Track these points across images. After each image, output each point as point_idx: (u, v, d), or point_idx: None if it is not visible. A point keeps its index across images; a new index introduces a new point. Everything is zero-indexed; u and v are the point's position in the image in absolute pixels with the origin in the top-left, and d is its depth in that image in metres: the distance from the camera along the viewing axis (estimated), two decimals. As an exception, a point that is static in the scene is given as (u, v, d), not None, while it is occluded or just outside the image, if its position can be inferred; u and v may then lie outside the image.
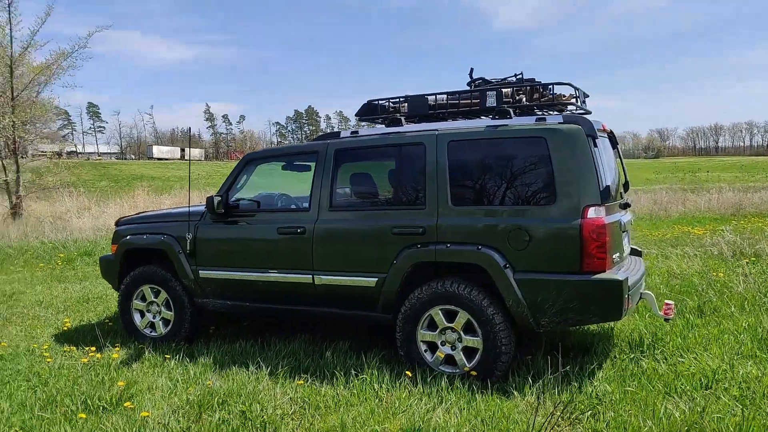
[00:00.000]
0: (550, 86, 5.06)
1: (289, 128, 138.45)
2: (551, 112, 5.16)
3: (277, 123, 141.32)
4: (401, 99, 5.44)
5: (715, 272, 7.95)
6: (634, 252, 5.71)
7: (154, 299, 6.00)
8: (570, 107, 5.15)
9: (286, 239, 5.26)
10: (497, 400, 4.04)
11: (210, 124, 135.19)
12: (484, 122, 4.85)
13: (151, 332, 6.02)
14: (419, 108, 5.29)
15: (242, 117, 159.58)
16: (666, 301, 4.95)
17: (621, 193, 5.19)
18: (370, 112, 5.53)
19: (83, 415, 3.97)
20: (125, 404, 4.14)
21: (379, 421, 3.77)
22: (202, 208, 5.72)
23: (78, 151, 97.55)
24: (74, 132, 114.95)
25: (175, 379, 4.67)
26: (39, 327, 6.67)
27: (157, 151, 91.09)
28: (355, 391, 4.29)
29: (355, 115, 5.60)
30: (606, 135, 5.30)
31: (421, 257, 4.72)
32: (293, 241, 5.22)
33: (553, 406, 3.75)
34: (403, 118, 5.26)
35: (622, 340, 5.28)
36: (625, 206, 5.11)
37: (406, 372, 4.52)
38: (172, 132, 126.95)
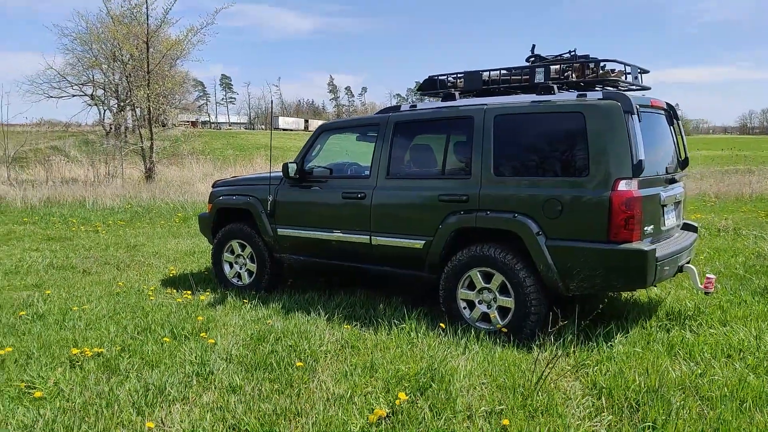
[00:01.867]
0: (602, 63, 5.22)
1: (409, 100, 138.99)
2: (607, 88, 5.32)
3: (398, 95, 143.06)
4: (459, 75, 5.80)
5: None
6: (688, 227, 5.76)
7: (241, 252, 6.84)
8: (621, 84, 5.29)
9: (349, 203, 5.85)
10: (514, 352, 4.43)
11: (333, 96, 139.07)
12: (530, 98, 5.13)
13: (237, 281, 6.89)
14: (474, 83, 5.63)
15: (364, 89, 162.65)
16: (707, 275, 5.03)
17: (670, 167, 5.27)
18: (431, 86, 5.93)
19: (167, 340, 4.82)
20: (201, 335, 4.96)
21: (405, 362, 4.28)
22: None
23: (211, 121, 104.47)
24: (208, 103, 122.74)
25: (246, 318, 5.44)
26: (151, 273, 7.79)
27: (283, 122, 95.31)
28: (393, 337, 4.84)
29: (417, 89, 6.03)
30: (660, 111, 5.39)
31: (463, 222, 5.13)
32: (355, 205, 5.80)
33: (556, 358, 4.07)
34: (457, 93, 5.63)
35: (663, 310, 5.41)
36: (672, 181, 5.20)
37: (440, 324, 4.99)
38: (298, 103, 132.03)
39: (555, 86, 5.04)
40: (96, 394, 3.76)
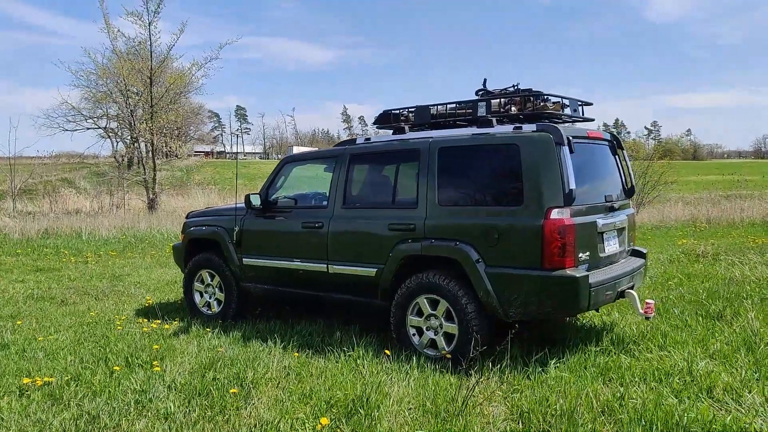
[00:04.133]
0: (545, 96, 5.41)
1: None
2: (544, 122, 5.50)
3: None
4: (411, 109, 6.02)
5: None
6: (636, 253, 5.88)
7: (210, 282, 7.03)
8: (563, 117, 5.47)
9: (308, 232, 6.03)
10: (449, 378, 4.54)
11: (347, 125, 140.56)
12: (471, 130, 5.32)
13: (207, 310, 7.06)
14: (423, 117, 5.84)
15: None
16: (647, 300, 5.14)
17: (611, 195, 5.40)
18: (385, 120, 6.15)
19: (118, 368, 4.98)
20: (154, 363, 5.12)
21: (343, 388, 4.41)
22: None
23: (226, 151, 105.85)
24: (223, 133, 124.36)
25: (203, 347, 5.59)
26: (127, 302, 7.99)
27: (297, 151, 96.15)
28: (340, 365, 4.97)
29: (373, 123, 6.25)
30: (600, 141, 5.56)
31: (410, 250, 5.29)
32: (313, 233, 5.99)
33: (476, 384, 4.18)
34: (407, 127, 5.84)
35: (610, 335, 5.50)
36: (612, 209, 5.33)
37: (386, 351, 5.11)
38: (313, 133, 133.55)
39: (494, 119, 5.23)
40: (32, 422, 3.92)
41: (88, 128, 28.44)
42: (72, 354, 5.46)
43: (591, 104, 5.80)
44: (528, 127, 4.97)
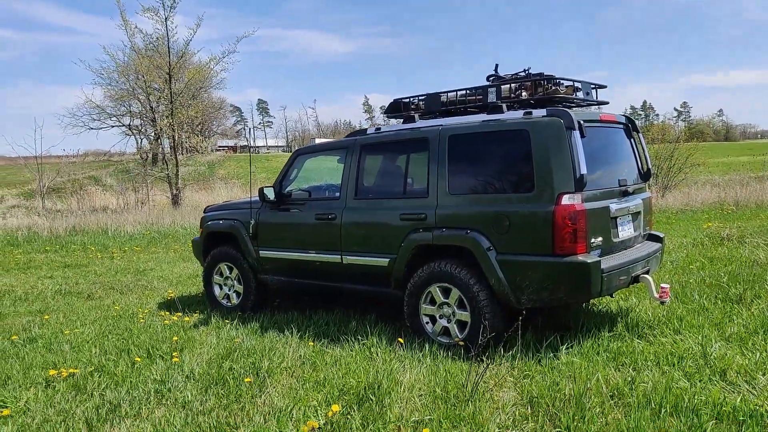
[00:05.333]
0: (557, 81, 5.36)
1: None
2: (557, 107, 5.46)
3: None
4: (421, 97, 6.01)
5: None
6: (653, 237, 5.82)
7: (229, 275, 7.14)
8: (575, 101, 5.42)
9: (322, 224, 6.09)
10: (461, 364, 4.57)
11: (369, 115, 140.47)
12: (481, 117, 5.30)
13: (226, 302, 7.18)
14: (434, 105, 5.83)
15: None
16: (662, 284, 5.09)
17: (625, 180, 5.35)
18: (395, 109, 6.16)
19: (139, 359, 5.11)
20: (174, 354, 5.24)
21: (357, 376, 4.46)
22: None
23: (249, 145, 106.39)
24: (246, 127, 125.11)
25: (222, 338, 5.70)
26: (150, 296, 8.16)
27: (318, 142, 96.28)
28: (354, 353, 5.03)
29: (384, 112, 6.26)
30: (614, 125, 5.50)
31: (422, 240, 5.31)
32: (326, 225, 6.04)
33: (485, 369, 4.21)
34: (417, 115, 5.84)
35: (626, 320, 5.47)
36: (626, 193, 5.28)
37: (399, 339, 5.16)
38: (335, 124, 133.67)
39: (504, 105, 5.20)
40: (57, 412, 4.05)
41: (112, 126, 29.00)
42: (96, 346, 5.61)
43: (605, 87, 5.73)
44: (538, 113, 4.93)
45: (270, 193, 6.47)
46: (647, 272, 5.29)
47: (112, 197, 23.38)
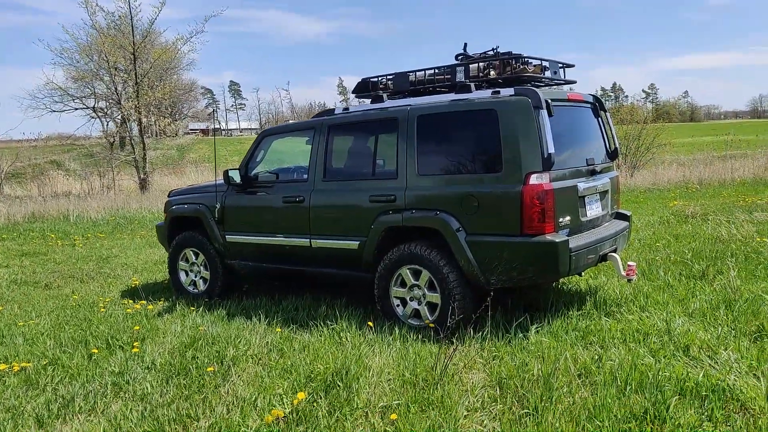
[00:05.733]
0: (525, 59, 5.28)
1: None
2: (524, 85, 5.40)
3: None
4: (389, 76, 5.88)
5: (761, 238, 7.72)
6: (620, 216, 5.82)
7: (195, 260, 6.96)
8: (543, 80, 5.36)
9: (289, 207, 5.95)
10: (430, 347, 4.51)
11: (344, 97, 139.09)
12: (450, 97, 5.20)
13: (193, 289, 7.01)
14: (402, 84, 5.71)
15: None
16: (629, 263, 5.10)
17: (593, 159, 5.32)
18: (364, 89, 6.02)
19: (96, 351, 4.94)
20: (134, 344, 5.08)
21: (325, 362, 4.37)
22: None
23: (222, 128, 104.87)
24: (218, 110, 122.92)
25: (186, 326, 5.54)
26: (113, 284, 7.93)
27: (286, 123, 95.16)
28: (323, 338, 4.94)
29: (352, 92, 6.12)
30: (582, 104, 5.46)
31: (392, 222, 5.22)
32: (294, 208, 5.90)
33: (453, 351, 4.16)
34: (385, 95, 5.72)
35: (594, 299, 5.48)
36: (594, 172, 5.25)
37: (369, 323, 5.08)
38: (310, 106, 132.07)
39: (472, 84, 5.11)
40: (5, 409, 3.87)
41: (76, 108, 28.13)
42: (52, 338, 5.40)
43: (573, 66, 5.67)
44: (506, 92, 4.86)
45: (235, 176, 6.30)
46: (615, 251, 5.29)
47: (76, 182, 22.77)
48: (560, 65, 5.50)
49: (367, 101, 5.98)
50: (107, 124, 33.70)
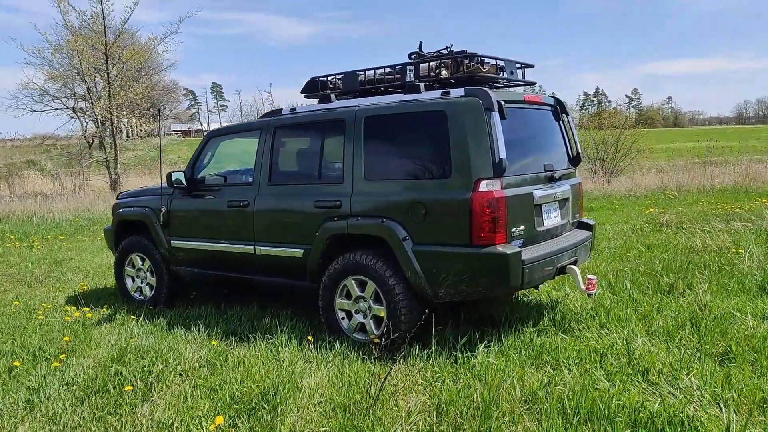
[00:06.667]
0: (478, 59, 5.00)
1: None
2: (480, 86, 5.12)
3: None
4: (339, 75, 5.58)
5: (736, 249, 7.48)
6: (583, 225, 5.55)
7: (141, 266, 6.61)
8: (500, 80, 5.09)
9: (234, 211, 5.62)
10: (367, 365, 4.20)
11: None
12: (398, 97, 4.91)
13: (139, 296, 6.66)
14: (351, 84, 5.41)
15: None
16: (588, 276, 4.82)
17: (551, 165, 5.04)
18: (313, 88, 5.71)
19: (17, 363, 4.59)
20: (60, 356, 4.73)
21: (257, 380, 4.05)
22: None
23: (204, 129, 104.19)
24: (200, 111, 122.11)
25: (122, 336, 5.20)
26: (60, 289, 7.55)
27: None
28: (259, 353, 4.61)
29: (301, 91, 5.82)
30: (541, 106, 5.19)
31: (336, 229, 4.91)
32: (239, 213, 5.58)
33: (387, 374, 3.86)
34: (333, 95, 5.42)
35: (552, 314, 5.20)
36: (551, 179, 4.97)
37: (309, 337, 4.76)
38: (292, 110, 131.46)
39: (422, 84, 4.83)
40: None
41: (56, 108, 27.50)
42: (-23, 349, 5.05)
43: (532, 66, 5.40)
44: (456, 92, 4.58)
45: (179, 178, 5.96)
46: (575, 263, 5.01)
47: (48, 182, 22.26)
48: (518, 65, 5.23)
49: (316, 101, 5.67)
50: (86, 125, 33.16)
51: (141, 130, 22.16)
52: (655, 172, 19.06)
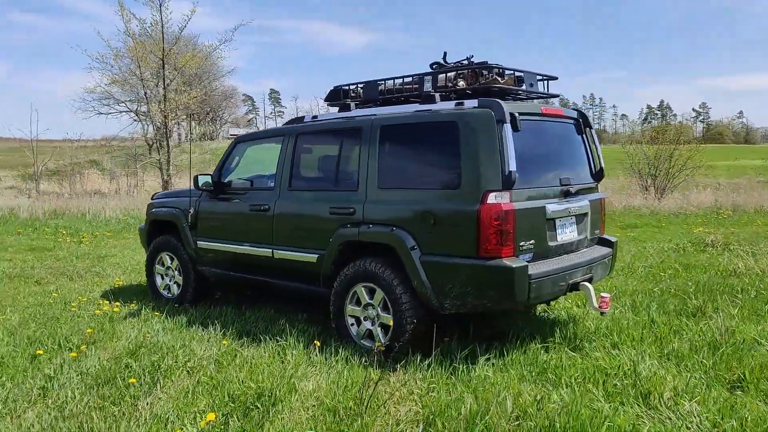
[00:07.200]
0: (498, 70, 4.97)
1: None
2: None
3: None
4: (360, 84, 5.65)
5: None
6: (603, 242, 5.42)
7: (170, 265, 6.83)
8: (521, 92, 5.05)
9: (256, 215, 5.76)
10: (368, 372, 4.21)
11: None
12: (414, 107, 4.93)
13: (167, 293, 6.88)
14: (371, 93, 5.46)
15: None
16: (602, 294, 4.71)
17: (568, 178, 4.95)
18: (335, 97, 5.79)
19: (41, 352, 4.82)
20: (82, 347, 4.94)
21: (261, 380, 4.12)
22: None
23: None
24: (257, 116, 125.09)
25: (141, 331, 5.39)
26: (98, 284, 7.87)
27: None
28: (267, 354, 4.70)
29: (324, 99, 5.91)
30: (561, 119, 5.12)
31: (349, 236, 4.96)
32: (260, 217, 5.71)
33: (377, 382, 3.86)
34: (353, 104, 5.49)
35: (565, 330, 5.09)
36: (568, 193, 4.88)
37: (315, 342, 4.81)
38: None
39: (437, 95, 4.83)
40: None
41: (121, 111, 28.60)
42: (9, 336, 5.32)
43: (556, 78, 5.32)
44: (470, 103, 4.56)
45: (204, 181, 6.14)
46: (589, 279, 4.89)
47: (107, 182, 23.22)
48: (539, 77, 5.16)
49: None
50: (147, 127, 34.37)
51: (191, 134, 22.76)
52: (711, 189, 18.33)
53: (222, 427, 3.48)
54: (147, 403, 3.82)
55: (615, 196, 17.22)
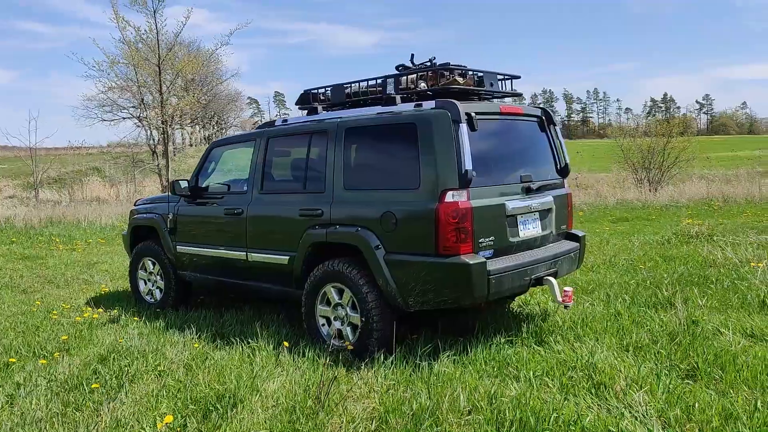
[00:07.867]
0: (459, 71, 5.04)
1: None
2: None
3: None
4: (328, 87, 5.72)
5: (756, 263, 7.18)
6: (570, 236, 5.48)
7: (152, 270, 6.92)
8: (477, 92, 5.11)
9: (229, 219, 5.84)
10: (333, 370, 4.28)
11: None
12: (377, 109, 5.00)
13: (150, 299, 6.97)
14: (339, 96, 5.53)
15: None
16: (565, 288, 4.76)
17: (530, 175, 5.00)
18: (304, 100, 5.87)
19: (13, 360, 4.91)
20: (55, 354, 5.03)
21: (221, 382, 4.20)
22: None
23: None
24: (262, 119, 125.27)
25: (116, 336, 5.48)
26: (84, 291, 7.97)
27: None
28: (236, 356, 4.78)
29: (295, 103, 5.98)
30: (522, 117, 5.18)
31: (317, 237, 5.04)
32: (234, 220, 5.79)
33: (331, 381, 3.92)
34: (320, 107, 5.56)
35: (532, 324, 5.15)
36: (528, 190, 4.93)
37: (284, 342, 4.89)
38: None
39: (398, 97, 4.90)
40: None
41: (124, 118, 28.75)
42: (-13, 345, 5.42)
43: (518, 77, 5.38)
44: (428, 104, 4.63)
45: (181, 186, 6.23)
46: (554, 274, 4.95)
47: (105, 188, 23.39)
48: (500, 77, 5.22)
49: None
50: (150, 133, 34.56)
51: (191, 138, 22.92)
52: (705, 181, 18.33)
53: (179, 429, 3.56)
54: (109, 408, 3.88)
55: (608, 191, 17.26)
